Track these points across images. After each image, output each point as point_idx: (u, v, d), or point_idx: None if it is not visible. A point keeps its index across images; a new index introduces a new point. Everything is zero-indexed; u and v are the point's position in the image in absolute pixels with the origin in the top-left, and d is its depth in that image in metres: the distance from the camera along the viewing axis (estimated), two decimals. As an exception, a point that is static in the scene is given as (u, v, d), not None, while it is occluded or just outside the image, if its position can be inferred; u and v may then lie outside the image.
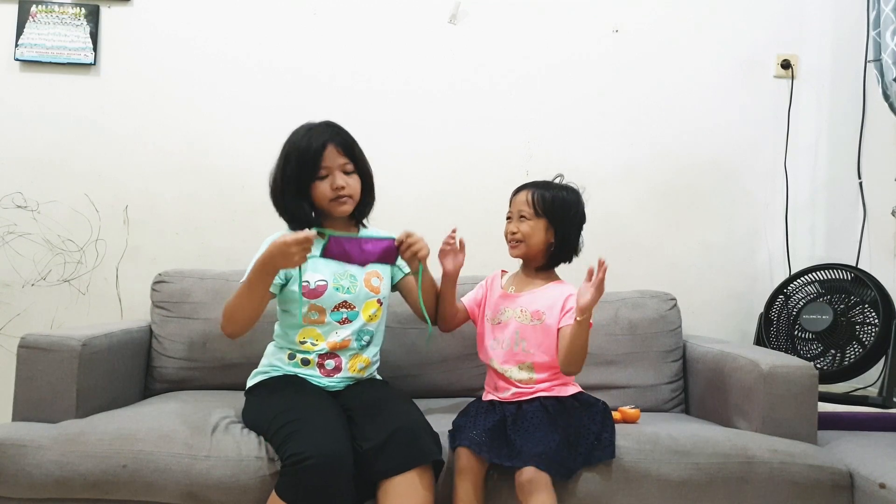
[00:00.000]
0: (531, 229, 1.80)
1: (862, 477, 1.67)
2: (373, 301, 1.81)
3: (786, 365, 1.86)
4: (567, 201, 1.83)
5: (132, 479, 1.55)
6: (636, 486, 1.63)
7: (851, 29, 2.54)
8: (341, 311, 1.77)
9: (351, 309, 1.78)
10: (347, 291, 1.77)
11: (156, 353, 2.14)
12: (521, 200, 1.83)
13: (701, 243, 2.59)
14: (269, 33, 2.51)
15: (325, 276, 1.76)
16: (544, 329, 1.77)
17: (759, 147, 2.60)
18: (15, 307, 2.45)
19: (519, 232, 1.81)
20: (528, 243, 1.81)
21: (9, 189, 2.46)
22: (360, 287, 1.79)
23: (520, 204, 1.83)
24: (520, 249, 1.83)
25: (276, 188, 1.80)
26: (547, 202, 1.81)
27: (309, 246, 1.58)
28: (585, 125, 2.57)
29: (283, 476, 1.47)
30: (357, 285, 1.79)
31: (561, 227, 1.81)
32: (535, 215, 1.81)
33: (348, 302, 1.78)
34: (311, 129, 1.77)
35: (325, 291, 1.75)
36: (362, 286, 1.80)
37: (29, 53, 2.45)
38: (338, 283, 1.77)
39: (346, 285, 1.78)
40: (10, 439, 1.58)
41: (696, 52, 2.59)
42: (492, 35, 2.55)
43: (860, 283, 2.25)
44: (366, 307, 1.80)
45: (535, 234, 1.81)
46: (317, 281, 1.75)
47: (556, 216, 1.81)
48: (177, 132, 2.49)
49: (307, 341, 1.77)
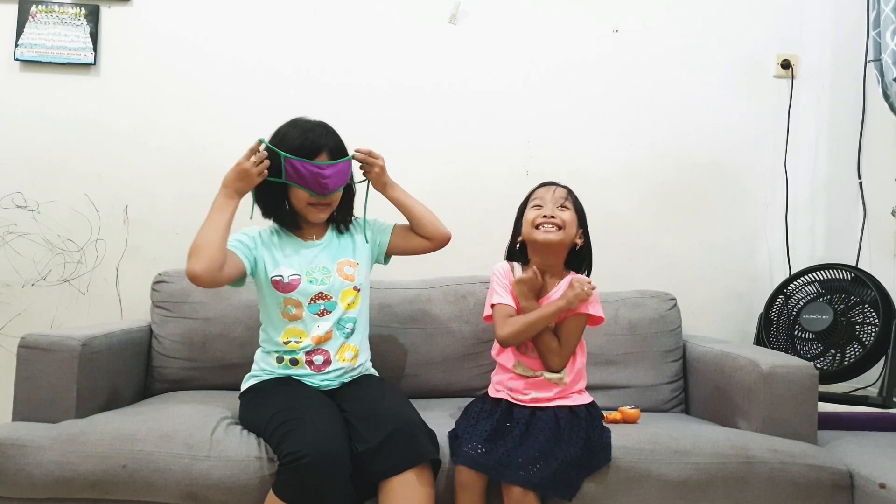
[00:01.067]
0: (571, 219, 1.78)
1: (862, 477, 1.66)
2: (349, 289, 1.81)
3: (786, 365, 1.86)
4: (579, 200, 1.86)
5: (132, 479, 1.55)
6: (636, 486, 1.63)
7: (851, 29, 2.55)
8: (318, 303, 1.77)
9: (328, 300, 1.78)
10: (321, 283, 1.78)
11: (156, 353, 2.14)
12: (559, 192, 1.81)
13: (701, 243, 2.59)
14: (268, 33, 2.51)
15: (297, 269, 1.78)
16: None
17: (759, 147, 2.60)
18: (15, 307, 2.45)
19: (559, 218, 1.76)
20: (567, 231, 1.77)
21: (9, 189, 2.46)
22: (333, 277, 1.80)
23: (559, 194, 1.81)
24: (559, 235, 1.76)
25: None
26: (579, 205, 1.83)
27: (260, 158, 1.66)
28: (585, 125, 2.57)
29: (280, 475, 1.47)
30: (331, 276, 1.80)
31: (587, 232, 1.84)
32: (573, 210, 1.80)
33: (324, 293, 1.78)
34: (307, 130, 1.75)
35: (299, 285, 1.76)
36: (336, 276, 1.80)
37: (29, 53, 2.45)
38: (311, 276, 1.78)
39: (319, 277, 1.79)
40: (10, 439, 1.58)
41: (697, 52, 2.59)
42: (492, 35, 2.55)
43: (860, 283, 2.25)
44: (343, 296, 1.80)
45: (573, 225, 1.78)
46: (290, 275, 1.77)
47: (584, 220, 1.83)
48: (177, 132, 2.49)
49: (291, 340, 1.76)
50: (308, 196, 1.75)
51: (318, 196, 1.75)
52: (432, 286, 2.26)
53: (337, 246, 1.86)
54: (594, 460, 1.62)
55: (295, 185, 1.74)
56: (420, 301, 2.21)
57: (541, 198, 1.81)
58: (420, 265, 2.38)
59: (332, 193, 1.77)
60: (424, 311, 2.20)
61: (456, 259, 2.43)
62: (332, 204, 1.81)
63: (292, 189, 1.77)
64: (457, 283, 2.27)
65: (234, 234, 1.76)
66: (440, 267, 2.39)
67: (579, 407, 1.73)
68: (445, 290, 2.24)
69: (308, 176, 1.71)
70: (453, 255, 2.45)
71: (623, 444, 1.66)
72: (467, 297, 2.23)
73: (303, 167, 1.70)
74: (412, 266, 2.32)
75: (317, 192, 1.74)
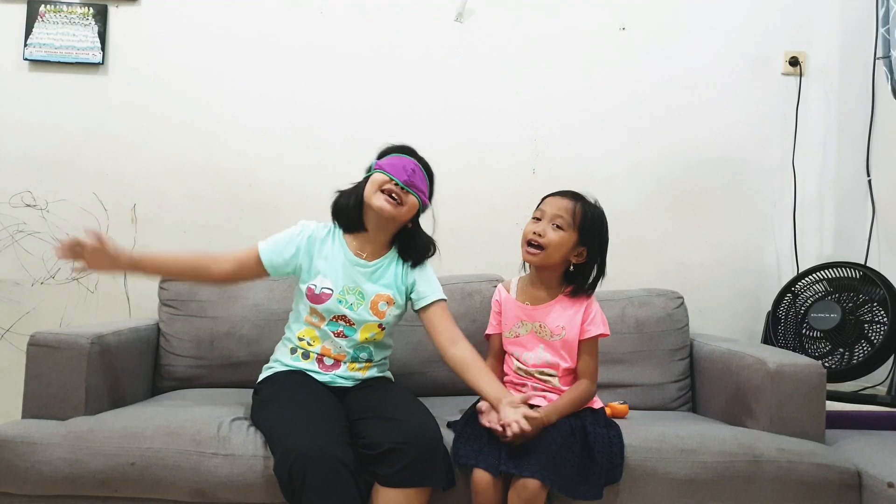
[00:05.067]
0: (560, 241, 1.70)
1: (870, 476, 1.66)
2: (373, 325, 1.78)
3: (793, 363, 1.85)
4: (603, 220, 1.76)
5: (141, 477, 1.56)
6: (643, 485, 1.63)
7: (860, 26, 2.53)
8: (338, 324, 1.76)
9: (349, 325, 1.76)
10: (350, 308, 1.75)
11: (164, 351, 2.15)
12: (561, 206, 1.71)
13: (708, 241, 2.58)
14: (276, 32, 2.51)
15: (331, 284, 1.75)
16: (565, 343, 1.75)
17: (767, 145, 2.59)
18: (24, 305, 2.47)
19: (546, 238, 1.70)
20: (549, 253, 1.71)
21: (18, 188, 2.47)
22: (363, 308, 1.76)
23: (559, 209, 1.71)
24: (537, 257, 1.72)
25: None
26: (587, 220, 1.71)
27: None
28: (592, 123, 2.57)
29: (280, 474, 1.47)
30: (362, 304, 1.76)
31: (594, 248, 1.74)
32: (571, 227, 1.71)
33: (347, 317, 1.75)
34: (396, 146, 1.83)
35: (328, 300, 1.75)
36: (366, 308, 1.76)
37: (37, 53, 2.46)
38: (343, 297, 1.75)
39: (350, 301, 1.76)
40: (20, 436, 1.60)
41: (704, 49, 2.58)
42: (498, 33, 2.55)
43: (869, 282, 2.23)
44: (364, 328, 1.77)
45: (562, 246, 1.71)
46: (323, 287, 1.75)
47: (592, 236, 1.73)
48: (184, 131, 2.50)
49: (305, 339, 1.78)
50: (383, 179, 1.72)
51: (393, 180, 1.71)
52: (439, 284, 2.26)
53: (383, 275, 1.80)
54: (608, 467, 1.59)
55: (379, 172, 1.74)
56: (427, 299, 2.21)
57: (542, 210, 1.76)
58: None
59: (408, 190, 1.72)
60: (431, 309, 2.19)
61: (463, 257, 2.44)
62: (403, 204, 1.73)
63: (369, 182, 1.75)
64: (463, 281, 2.26)
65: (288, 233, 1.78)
66: (447, 265, 2.39)
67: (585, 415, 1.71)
68: (452, 288, 2.24)
69: (394, 164, 1.74)
70: (460, 253, 2.47)
71: (630, 443, 1.66)
72: (474, 296, 2.22)
73: (395, 160, 1.75)
74: (419, 264, 2.32)
75: (395, 175, 1.71)
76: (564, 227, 1.71)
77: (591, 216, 1.74)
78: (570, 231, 1.71)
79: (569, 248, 1.73)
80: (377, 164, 1.77)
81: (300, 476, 1.42)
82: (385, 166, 1.74)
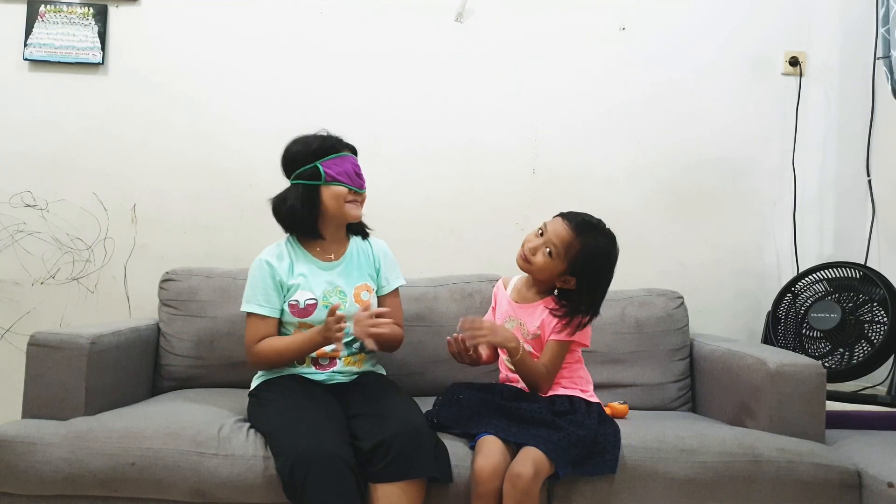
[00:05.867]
0: (546, 266, 1.72)
1: (870, 476, 1.66)
2: None
3: (793, 363, 1.85)
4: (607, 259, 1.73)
5: (141, 477, 1.57)
6: (642, 484, 1.63)
7: (860, 26, 2.53)
8: None
9: None
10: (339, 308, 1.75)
11: (164, 351, 2.15)
12: (561, 234, 1.70)
13: (708, 241, 2.58)
14: (276, 32, 2.51)
15: (313, 293, 1.78)
16: (538, 343, 1.78)
17: (767, 145, 2.59)
18: (24, 305, 2.47)
19: (534, 260, 1.72)
20: (534, 271, 1.75)
21: (18, 188, 2.47)
22: (350, 302, 1.80)
23: (557, 236, 1.70)
24: (525, 268, 1.77)
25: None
26: (583, 257, 1.69)
27: (340, 327, 1.64)
28: (592, 123, 2.56)
29: (282, 473, 1.47)
30: (347, 301, 1.80)
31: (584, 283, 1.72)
32: (560, 258, 1.70)
33: None
34: (317, 136, 1.82)
35: (315, 311, 1.77)
36: (352, 301, 1.81)
37: (37, 53, 2.46)
38: (327, 301, 1.78)
39: (335, 301, 1.78)
40: (19, 437, 1.60)
41: (704, 49, 2.58)
42: (498, 33, 2.55)
43: (869, 282, 2.23)
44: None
45: (545, 271, 1.73)
46: (306, 300, 1.77)
47: (585, 273, 1.71)
48: (184, 131, 2.49)
49: None
50: (347, 192, 1.77)
51: (356, 191, 1.79)
52: (439, 284, 2.26)
53: (356, 268, 1.86)
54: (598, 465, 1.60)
55: (335, 184, 1.76)
56: (426, 299, 2.21)
57: (545, 226, 1.75)
58: (426, 264, 2.39)
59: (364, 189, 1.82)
60: (431, 308, 2.20)
61: (462, 257, 2.45)
62: (363, 203, 1.84)
63: (326, 193, 1.77)
64: (463, 281, 2.27)
65: (257, 278, 1.78)
66: (447, 265, 2.40)
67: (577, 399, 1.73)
68: (452, 288, 2.25)
69: (346, 171, 1.77)
70: (460, 253, 2.47)
71: (629, 443, 1.66)
72: (474, 296, 2.23)
73: (340, 163, 1.76)
74: (418, 264, 2.33)
75: (355, 185, 1.78)
76: (555, 255, 1.71)
77: (591, 255, 1.71)
78: (559, 261, 1.71)
79: (554, 275, 1.75)
80: (327, 174, 1.76)
81: (302, 475, 1.42)
82: (340, 177, 1.77)
